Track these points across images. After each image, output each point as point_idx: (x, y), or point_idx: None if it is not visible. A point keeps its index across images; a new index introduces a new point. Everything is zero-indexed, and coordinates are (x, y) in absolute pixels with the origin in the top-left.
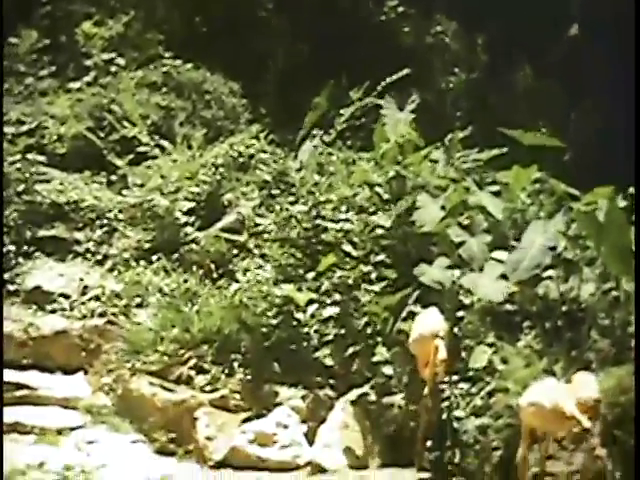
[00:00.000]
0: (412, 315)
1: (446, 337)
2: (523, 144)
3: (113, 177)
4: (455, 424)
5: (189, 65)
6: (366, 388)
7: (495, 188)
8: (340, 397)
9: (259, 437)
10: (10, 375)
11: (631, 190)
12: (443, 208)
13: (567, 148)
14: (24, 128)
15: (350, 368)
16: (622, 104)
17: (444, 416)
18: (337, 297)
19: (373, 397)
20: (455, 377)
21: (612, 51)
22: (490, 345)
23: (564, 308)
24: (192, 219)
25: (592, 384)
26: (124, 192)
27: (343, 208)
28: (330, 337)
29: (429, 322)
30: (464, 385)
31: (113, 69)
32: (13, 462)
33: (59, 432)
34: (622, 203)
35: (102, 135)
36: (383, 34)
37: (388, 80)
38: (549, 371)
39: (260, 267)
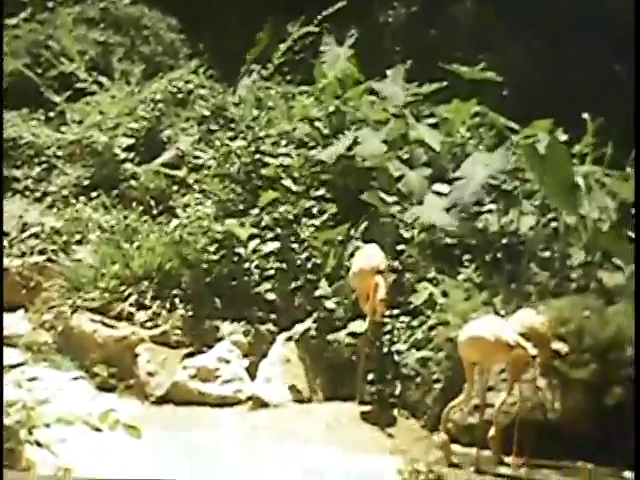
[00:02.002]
0: (354, 249)
1: (386, 272)
2: (462, 78)
3: (51, 114)
4: (396, 357)
5: (127, 0)
6: (308, 322)
7: (435, 121)
8: (282, 332)
9: (200, 372)
10: None
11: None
12: (383, 142)
13: (506, 82)
14: None
15: (292, 303)
16: (562, 38)
17: (385, 349)
18: (278, 232)
19: (315, 331)
20: (396, 311)
21: None
22: (431, 279)
23: (504, 241)
24: (131, 155)
25: (535, 317)
26: (62, 129)
27: (283, 143)
28: (271, 272)
29: (369, 257)
30: (405, 319)
31: (50, 5)
32: None
33: None
34: (562, 137)
35: (40, 72)
36: None
37: (325, 13)
38: (489, 304)
39: (200, 203)
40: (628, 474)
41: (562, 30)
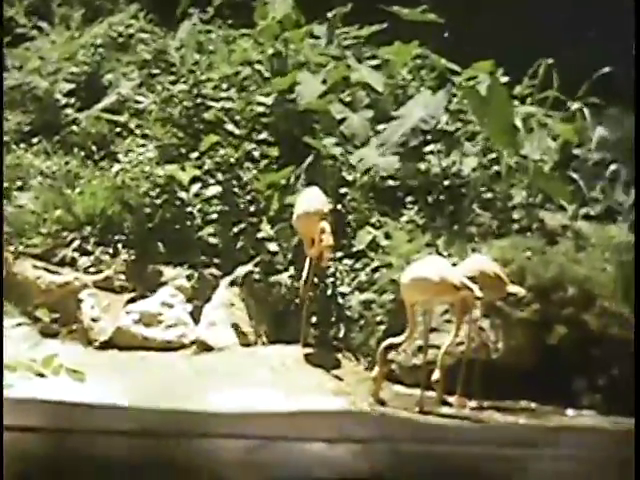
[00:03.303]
0: (296, 192)
1: (329, 215)
2: (403, 20)
3: None
4: (340, 300)
5: None
6: (251, 266)
7: (376, 63)
8: (225, 275)
9: (144, 317)
10: None
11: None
12: (325, 85)
13: (447, 23)
14: None
15: (235, 246)
16: None
17: (329, 292)
18: (220, 176)
19: (258, 275)
20: (339, 254)
21: None
22: (373, 222)
23: (446, 183)
24: (72, 100)
25: (486, 261)
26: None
27: (224, 86)
28: (214, 216)
29: (313, 200)
30: (348, 261)
31: None
32: None
33: None
34: (503, 78)
35: None
36: None
37: None
38: (432, 245)
39: (142, 147)
40: (570, 412)
41: None
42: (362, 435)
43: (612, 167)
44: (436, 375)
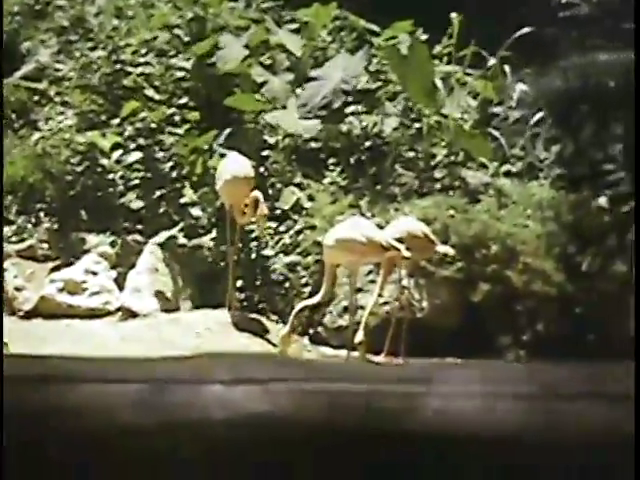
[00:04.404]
0: (219, 156)
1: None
2: None
3: None
4: (264, 263)
5: None
6: (174, 230)
7: (295, 26)
8: (148, 241)
9: (68, 285)
10: None
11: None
12: (245, 48)
13: None
14: None
15: (158, 211)
16: None
17: (253, 255)
18: (141, 141)
19: (182, 239)
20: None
21: None
22: (297, 184)
23: (368, 143)
24: None
25: (414, 222)
26: None
27: (143, 52)
28: (136, 182)
29: (241, 165)
30: (272, 224)
31: None
32: None
33: None
34: (423, 37)
35: None
36: None
37: None
38: (355, 206)
39: (62, 115)
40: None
41: None
42: (259, 376)
43: (532, 124)
44: (359, 337)
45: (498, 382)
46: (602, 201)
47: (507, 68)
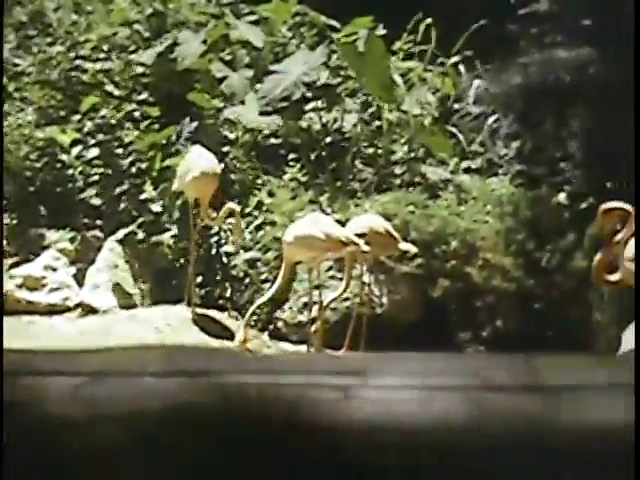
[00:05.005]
0: (178, 152)
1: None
2: None
3: None
4: (225, 259)
5: None
6: (134, 226)
7: (256, 21)
8: (108, 237)
9: (27, 281)
10: None
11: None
12: (204, 44)
13: None
14: None
15: (117, 207)
16: None
17: (214, 251)
18: (101, 137)
19: (141, 235)
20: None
21: None
22: (256, 179)
23: (328, 139)
24: None
25: (376, 219)
26: None
27: (103, 47)
28: (96, 177)
29: (207, 161)
30: (232, 220)
31: None
32: None
33: None
34: (381, 31)
35: None
36: None
37: None
38: (315, 202)
39: (21, 110)
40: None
41: None
42: (192, 368)
43: (491, 121)
44: (315, 327)
45: (434, 374)
46: (561, 197)
47: (461, 66)
